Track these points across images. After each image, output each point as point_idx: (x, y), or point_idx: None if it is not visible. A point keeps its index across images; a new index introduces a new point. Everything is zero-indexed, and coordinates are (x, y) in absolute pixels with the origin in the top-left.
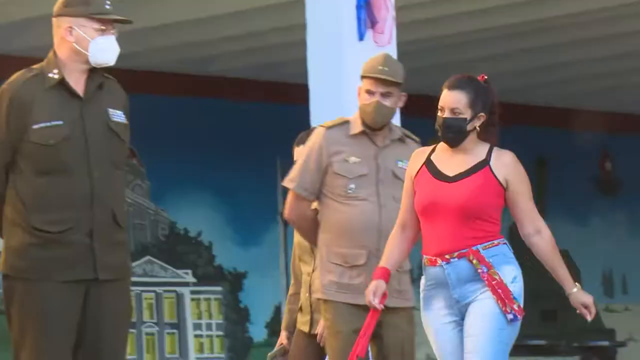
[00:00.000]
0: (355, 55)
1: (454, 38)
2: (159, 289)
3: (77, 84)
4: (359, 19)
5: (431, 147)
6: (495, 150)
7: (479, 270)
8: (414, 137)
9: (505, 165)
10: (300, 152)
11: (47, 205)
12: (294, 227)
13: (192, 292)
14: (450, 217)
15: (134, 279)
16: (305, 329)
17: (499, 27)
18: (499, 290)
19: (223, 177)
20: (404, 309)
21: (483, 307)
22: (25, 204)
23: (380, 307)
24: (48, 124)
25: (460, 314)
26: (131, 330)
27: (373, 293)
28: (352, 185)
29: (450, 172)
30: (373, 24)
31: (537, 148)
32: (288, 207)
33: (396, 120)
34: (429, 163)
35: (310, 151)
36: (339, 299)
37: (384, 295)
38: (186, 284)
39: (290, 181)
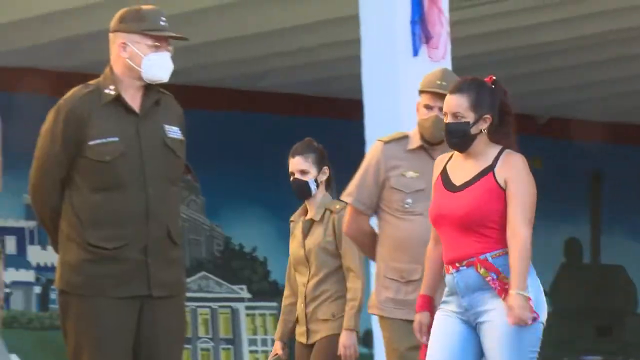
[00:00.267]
0: (410, 71)
1: (508, 53)
2: (214, 305)
3: (133, 100)
4: (413, 34)
5: (449, 155)
6: (505, 153)
7: (488, 278)
8: None
9: (508, 167)
10: (295, 164)
11: (102, 222)
12: (353, 242)
13: (247, 308)
14: (455, 226)
15: (189, 294)
16: (303, 340)
17: (554, 42)
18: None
19: (277, 192)
20: None
21: (495, 329)
22: (80, 219)
23: (426, 342)
24: (104, 140)
25: (469, 320)
26: (186, 346)
27: (419, 331)
28: (409, 200)
29: (458, 181)
30: (427, 39)
31: (593, 163)
32: (346, 222)
33: None
34: (443, 172)
35: (367, 165)
36: (395, 316)
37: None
38: (241, 300)
39: (348, 195)
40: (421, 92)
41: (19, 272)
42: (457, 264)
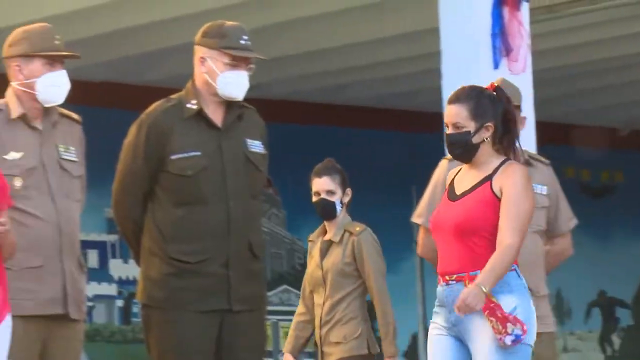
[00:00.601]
0: None
1: (587, 66)
2: None
3: (215, 113)
4: (494, 47)
5: (461, 167)
6: (507, 163)
7: None
8: (542, 159)
9: (504, 175)
10: (322, 184)
11: (184, 236)
12: (430, 262)
13: None
14: (449, 237)
15: (270, 308)
16: None
17: (635, 54)
18: (497, 312)
19: (358, 205)
20: (543, 334)
21: (480, 344)
22: (162, 233)
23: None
24: (186, 154)
25: (456, 335)
26: (267, 359)
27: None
28: None
29: (459, 190)
30: (507, 52)
31: None
32: (419, 243)
33: (531, 146)
34: (451, 182)
35: (434, 184)
36: None
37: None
38: None
39: (418, 217)
40: None
41: (101, 285)
42: (447, 277)
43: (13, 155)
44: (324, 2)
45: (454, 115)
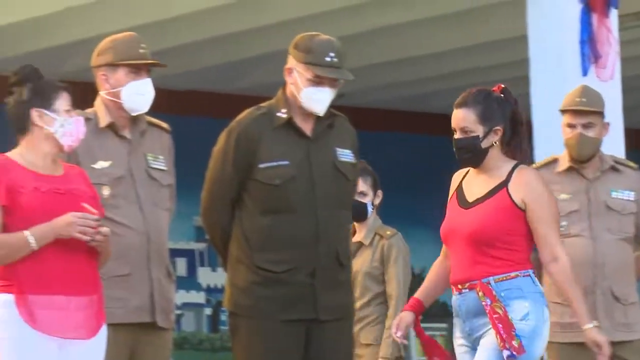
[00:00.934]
0: None
1: None
2: None
3: (305, 122)
4: (582, 54)
5: (466, 170)
6: (519, 169)
7: (483, 303)
8: (630, 164)
9: (523, 184)
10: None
11: (271, 245)
12: None
13: None
14: (463, 245)
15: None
16: None
17: None
18: (499, 325)
19: (420, 210)
20: (634, 342)
21: (485, 342)
22: (249, 242)
23: (401, 340)
24: (274, 163)
25: (473, 346)
26: None
27: (396, 326)
28: (564, 223)
29: (471, 197)
30: (596, 58)
31: None
32: None
33: (619, 152)
34: (459, 187)
35: None
36: (563, 340)
37: (417, 326)
38: None
39: None
40: (562, 111)
41: (189, 293)
42: (460, 286)
43: (101, 164)
44: (412, 11)
45: (462, 120)
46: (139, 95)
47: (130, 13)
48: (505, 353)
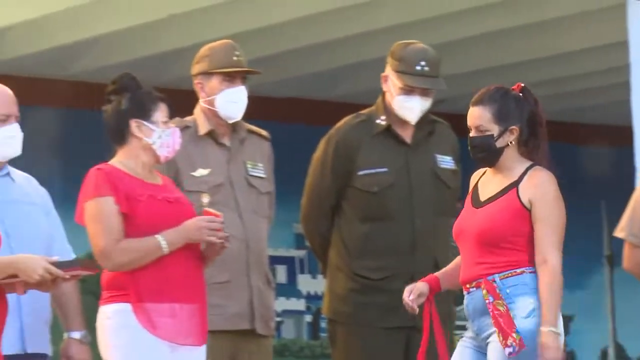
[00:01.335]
0: None
1: None
2: None
3: (405, 129)
4: None
5: (484, 170)
6: (533, 169)
7: (486, 300)
8: None
9: (533, 185)
10: None
11: (369, 252)
12: (636, 276)
13: None
14: (472, 245)
15: (458, 322)
16: None
17: None
18: (500, 320)
19: None
20: None
21: (490, 352)
22: (348, 249)
23: (412, 305)
24: (373, 170)
25: (481, 346)
26: None
27: (409, 291)
28: None
29: (483, 197)
30: None
31: None
32: (625, 258)
33: None
34: (475, 187)
35: (636, 199)
36: None
37: (427, 302)
38: None
39: (620, 230)
40: None
41: (289, 300)
42: (468, 286)
43: (201, 172)
44: (511, 17)
45: (477, 118)
46: (232, 103)
47: (229, 21)
48: (507, 350)
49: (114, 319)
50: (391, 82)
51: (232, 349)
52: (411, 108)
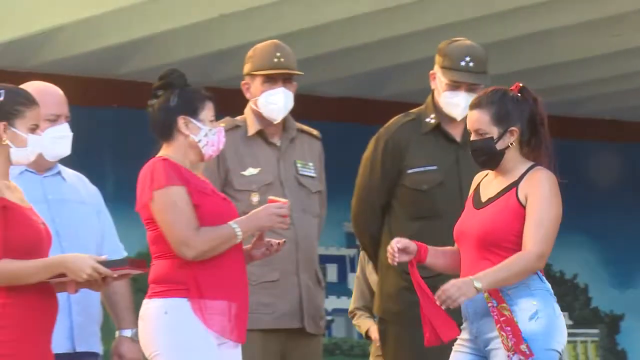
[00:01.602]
0: None
1: None
2: None
3: (455, 128)
4: None
5: (487, 172)
6: (534, 169)
7: (489, 304)
8: None
9: (529, 182)
10: None
11: None
12: None
13: (569, 335)
14: (472, 246)
15: None
16: None
17: None
18: (507, 328)
19: (598, 219)
20: None
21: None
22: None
23: (393, 250)
24: (422, 169)
25: (479, 350)
26: None
27: (397, 241)
28: None
29: (484, 197)
30: None
31: None
32: None
33: None
34: (477, 188)
35: None
36: None
37: (411, 264)
38: None
39: None
40: None
41: (340, 299)
42: None
43: (251, 171)
44: (560, 17)
45: (476, 121)
46: (272, 104)
47: (279, 20)
48: (515, 358)
49: (172, 313)
50: (438, 79)
51: (282, 347)
52: (457, 104)
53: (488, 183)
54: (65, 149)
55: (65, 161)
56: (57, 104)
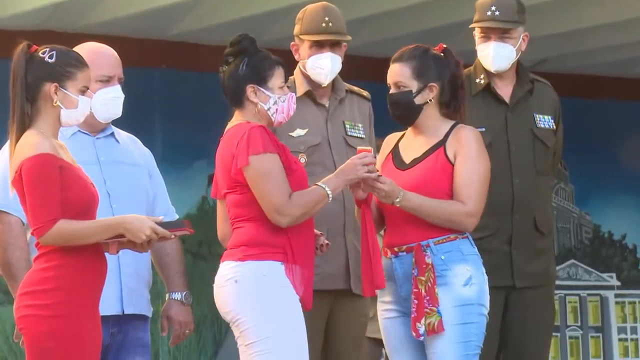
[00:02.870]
0: None
1: None
2: (582, 293)
3: (505, 89)
4: None
5: (401, 133)
6: (457, 127)
7: (412, 271)
8: None
9: (457, 140)
10: None
11: None
12: None
13: (617, 296)
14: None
15: (558, 282)
16: None
17: None
18: (415, 301)
19: None
20: None
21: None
22: None
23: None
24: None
25: (407, 309)
26: (555, 334)
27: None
28: None
29: (407, 158)
30: None
31: None
32: None
33: None
34: (395, 149)
35: None
36: None
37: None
38: (611, 288)
39: None
40: None
41: None
42: (395, 249)
43: (299, 132)
44: None
45: (396, 74)
46: (318, 68)
47: None
48: (419, 330)
49: (270, 276)
50: (475, 36)
51: (328, 308)
52: (487, 55)
53: (409, 143)
54: (117, 111)
55: (116, 122)
56: (110, 65)
